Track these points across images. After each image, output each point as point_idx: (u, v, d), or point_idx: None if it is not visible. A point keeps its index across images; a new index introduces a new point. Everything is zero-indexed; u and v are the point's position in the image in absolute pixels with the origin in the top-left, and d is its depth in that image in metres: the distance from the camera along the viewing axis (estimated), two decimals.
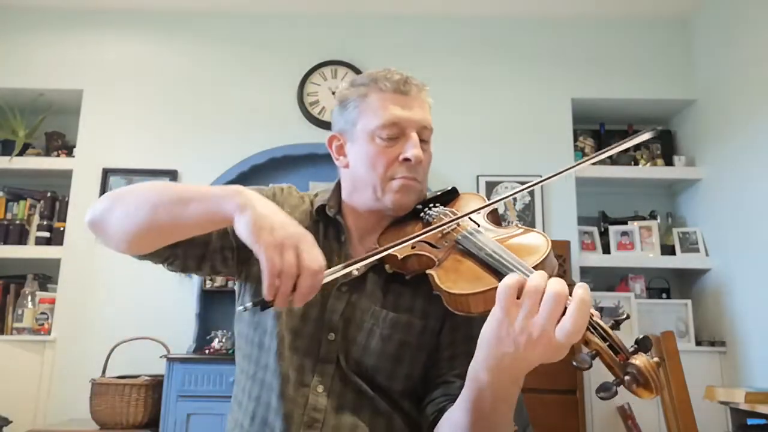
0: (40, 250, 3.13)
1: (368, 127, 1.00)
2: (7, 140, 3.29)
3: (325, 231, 1.07)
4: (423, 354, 0.98)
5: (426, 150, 1.03)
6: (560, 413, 2.52)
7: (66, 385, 2.90)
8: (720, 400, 2.21)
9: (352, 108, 1.04)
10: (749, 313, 2.78)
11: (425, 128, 1.03)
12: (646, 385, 0.64)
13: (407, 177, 1.00)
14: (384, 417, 0.96)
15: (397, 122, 0.99)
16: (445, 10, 3.36)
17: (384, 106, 1.00)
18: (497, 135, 3.25)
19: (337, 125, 1.07)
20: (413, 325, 0.98)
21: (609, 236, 3.22)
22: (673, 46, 3.35)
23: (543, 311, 0.66)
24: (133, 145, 3.23)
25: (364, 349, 0.97)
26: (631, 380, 0.65)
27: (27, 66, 3.31)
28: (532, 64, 3.33)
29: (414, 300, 1.00)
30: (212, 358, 2.65)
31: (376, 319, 0.98)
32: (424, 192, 1.07)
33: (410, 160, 0.99)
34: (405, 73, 1.04)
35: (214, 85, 3.30)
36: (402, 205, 1.01)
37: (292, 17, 3.39)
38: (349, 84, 1.07)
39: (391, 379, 0.97)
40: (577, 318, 0.64)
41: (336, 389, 0.96)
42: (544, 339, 0.66)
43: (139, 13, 3.38)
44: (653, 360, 0.65)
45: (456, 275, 0.84)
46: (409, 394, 0.99)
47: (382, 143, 1.00)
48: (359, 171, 1.03)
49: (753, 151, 2.78)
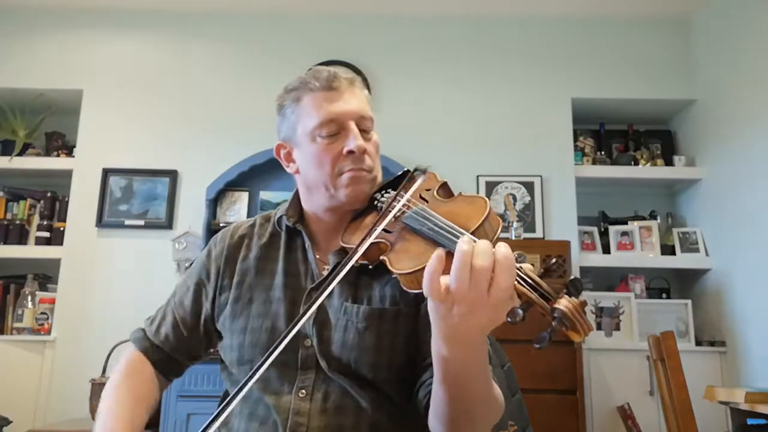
0: (40, 250, 3.13)
1: (307, 128, 1.02)
2: (7, 140, 3.29)
3: (288, 241, 1.10)
4: (401, 339, 0.99)
5: (369, 139, 1.04)
6: (560, 413, 2.52)
7: (66, 385, 2.90)
8: (720, 400, 2.21)
9: (290, 113, 1.06)
10: (749, 313, 2.78)
11: (363, 117, 1.03)
12: (573, 327, 0.64)
13: (355, 168, 1.00)
14: (369, 413, 0.96)
15: (334, 118, 1.00)
16: (445, 10, 3.36)
17: (317, 105, 1.01)
18: (497, 135, 3.25)
19: (281, 133, 1.10)
20: (386, 313, 0.99)
21: (609, 236, 3.22)
22: (673, 46, 3.35)
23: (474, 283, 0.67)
24: (133, 145, 3.23)
25: (342, 347, 0.98)
26: (559, 324, 0.64)
27: (27, 66, 3.31)
28: (532, 64, 3.33)
29: (383, 289, 1.01)
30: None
31: (350, 314, 0.99)
32: (377, 180, 1.07)
33: (354, 151, 1.00)
34: (333, 70, 1.05)
35: (214, 85, 3.30)
36: (356, 197, 1.02)
37: (292, 17, 3.39)
38: (283, 91, 1.09)
39: (374, 370, 0.97)
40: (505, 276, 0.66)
41: (318, 392, 0.97)
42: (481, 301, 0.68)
43: (139, 13, 3.38)
44: (578, 300, 0.65)
45: (404, 255, 0.86)
46: (395, 381, 0.99)
47: (323, 141, 1.01)
48: (309, 173, 1.04)
49: (753, 151, 2.78)
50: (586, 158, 3.31)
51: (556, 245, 2.91)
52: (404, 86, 3.28)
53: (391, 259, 0.87)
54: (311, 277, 1.06)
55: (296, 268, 1.07)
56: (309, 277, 1.06)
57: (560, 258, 2.87)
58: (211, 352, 1.20)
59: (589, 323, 0.65)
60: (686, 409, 1.95)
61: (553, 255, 2.87)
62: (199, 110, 3.27)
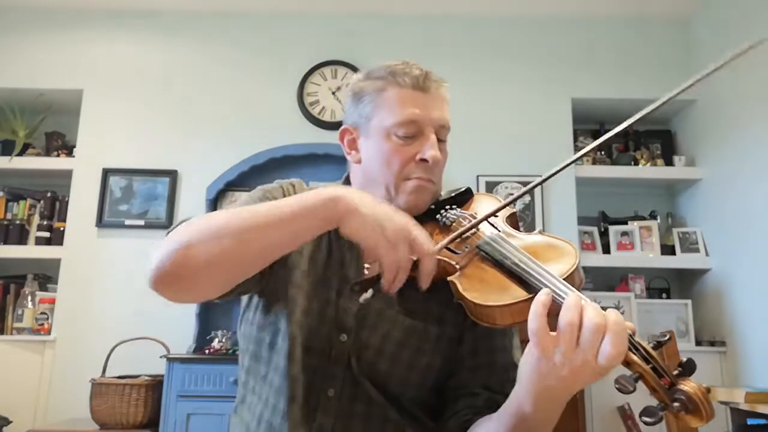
0: (40, 250, 3.13)
1: (384, 123, 0.96)
2: (7, 140, 3.29)
3: None
4: (438, 361, 0.94)
5: (443, 150, 1.00)
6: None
7: (66, 385, 2.90)
8: (720, 400, 2.21)
9: (368, 102, 0.99)
10: (749, 313, 2.78)
11: (443, 127, 0.99)
12: (696, 412, 0.61)
13: (423, 178, 0.96)
14: (394, 426, 0.91)
15: (416, 121, 0.95)
16: (445, 10, 3.36)
17: (402, 102, 0.96)
18: (497, 135, 3.25)
19: (351, 118, 1.02)
20: (429, 332, 0.94)
21: (609, 236, 3.22)
22: (673, 46, 3.35)
23: (583, 344, 0.64)
24: (133, 145, 3.23)
25: (377, 354, 0.92)
26: (681, 406, 0.61)
27: (27, 66, 3.31)
28: (532, 64, 3.33)
29: (430, 305, 0.95)
30: (212, 358, 2.65)
31: (392, 323, 0.93)
32: (438, 193, 1.03)
33: (428, 161, 0.95)
34: (424, 68, 1.00)
35: (214, 85, 3.30)
36: (416, 206, 0.97)
37: (291, 17, 3.39)
38: (365, 76, 1.02)
39: (404, 387, 0.93)
40: (617, 342, 0.63)
41: (346, 394, 0.91)
42: (586, 368, 0.65)
43: (139, 13, 3.38)
44: (702, 386, 0.62)
45: (481, 284, 0.80)
46: (421, 402, 0.95)
47: (398, 141, 0.95)
48: (372, 168, 0.98)
49: (753, 151, 2.78)
50: (586, 158, 3.31)
51: None
52: None
53: (464, 284, 0.80)
54: (355, 267, 0.97)
55: (342, 253, 0.99)
56: (353, 267, 0.97)
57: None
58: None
59: (713, 409, 0.61)
60: None
61: None
62: (199, 110, 3.27)
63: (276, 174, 3.11)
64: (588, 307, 0.65)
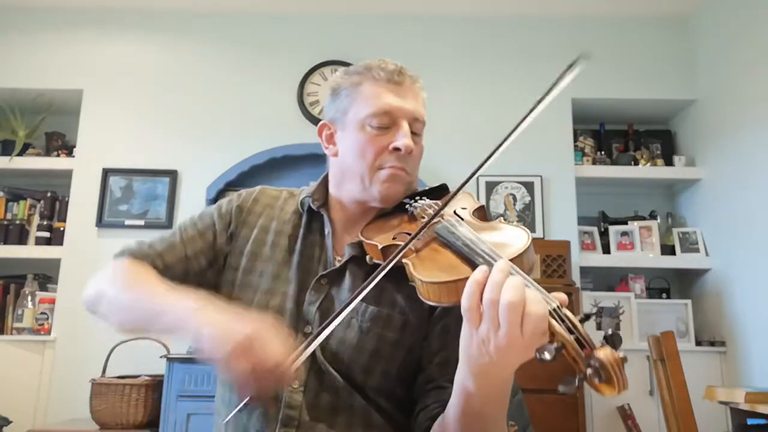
0: (40, 250, 3.13)
1: (359, 115, 0.99)
2: (7, 140, 3.29)
3: (308, 223, 1.07)
4: (402, 351, 0.96)
5: (417, 143, 1.02)
6: (560, 413, 2.52)
7: (66, 385, 2.90)
8: (720, 400, 2.21)
9: (344, 96, 1.03)
10: (749, 313, 2.78)
11: (417, 120, 1.02)
12: (609, 381, 0.59)
13: (396, 167, 0.98)
14: (361, 414, 0.94)
15: (389, 111, 0.98)
16: (445, 10, 3.37)
17: (376, 94, 0.99)
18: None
19: (329, 114, 1.07)
20: (393, 320, 0.96)
21: (609, 236, 3.22)
22: (673, 46, 3.35)
23: (503, 322, 0.65)
24: (133, 145, 3.23)
25: (341, 342, 0.95)
26: (593, 374, 0.60)
27: (27, 66, 3.31)
28: (532, 63, 3.32)
29: (395, 295, 0.97)
30: None
31: (356, 311, 0.95)
32: (414, 185, 1.05)
33: (400, 149, 0.97)
34: (399, 64, 1.04)
35: (214, 85, 3.30)
36: (389, 195, 1.00)
37: (292, 17, 3.39)
38: (342, 72, 1.06)
39: (367, 374, 0.94)
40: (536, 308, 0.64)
41: (312, 386, 0.93)
42: (514, 344, 0.66)
43: (139, 13, 3.38)
44: (619, 355, 0.61)
45: (431, 264, 0.82)
46: (386, 392, 0.96)
47: (372, 132, 0.98)
48: (348, 159, 1.01)
49: (753, 151, 2.78)
50: (586, 158, 3.31)
51: (556, 245, 2.91)
52: None
53: (414, 264, 0.82)
54: (324, 263, 1.03)
55: (311, 251, 1.04)
56: (322, 264, 1.03)
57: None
58: None
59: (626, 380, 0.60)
60: (686, 409, 1.95)
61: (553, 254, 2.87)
62: (199, 110, 3.27)
63: (276, 174, 3.11)
64: (508, 286, 0.66)
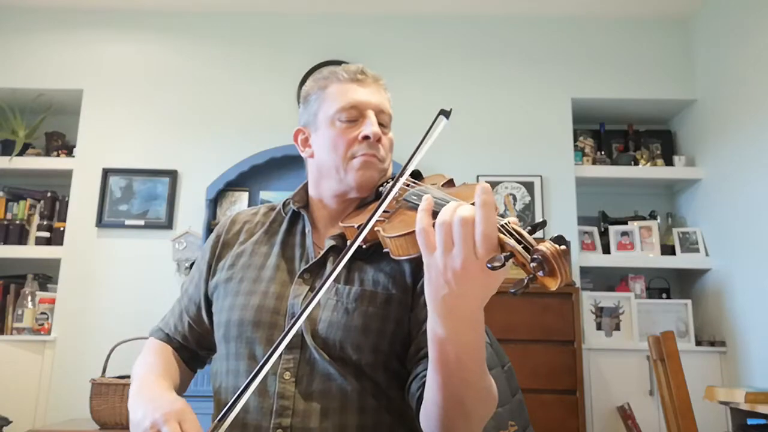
0: (40, 250, 3.13)
1: (329, 112, 1.06)
2: (7, 140, 3.29)
3: (289, 226, 1.13)
4: (390, 324, 0.98)
5: (386, 133, 1.08)
6: (560, 413, 2.52)
7: (66, 385, 2.90)
8: (720, 400, 2.21)
9: (314, 100, 1.10)
10: (749, 313, 2.78)
11: (382, 112, 1.08)
12: (552, 273, 0.62)
13: (367, 154, 1.04)
14: (355, 399, 0.95)
15: (356, 104, 1.05)
16: (445, 10, 3.37)
17: (342, 91, 1.07)
18: (497, 135, 3.25)
19: (302, 119, 1.14)
20: (377, 296, 0.99)
21: (609, 236, 3.22)
22: (673, 46, 3.35)
23: (457, 240, 0.67)
24: (133, 145, 3.23)
25: (328, 326, 0.97)
26: (537, 266, 0.62)
27: (27, 66, 3.31)
28: (532, 63, 3.33)
29: (377, 274, 1.01)
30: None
31: (340, 294, 0.99)
32: (387, 174, 1.10)
33: (369, 137, 1.04)
34: (362, 66, 1.11)
35: (214, 85, 3.30)
36: (364, 182, 1.05)
37: (291, 17, 3.39)
38: (310, 80, 1.14)
39: (359, 352, 0.96)
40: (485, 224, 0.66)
41: (303, 375, 0.95)
42: (470, 267, 0.67)
43: (139, 13, 3.38)
44: (560, 247, 0.63)
45: (399, 224, 0.88)
46: (381, 367, 0.98)
47: (342, 125, 1.05)
48: (323, 156, 1.08)
49: (753, 151, 2.78)
50: (586, 158, 3.31)
51: None
52: (404, 86, 3.28)
53: (385, 228, 0.88)
54: (306, 260, 1.06)
55: (292, 251, 1.09)
56: (304, 261, 1.07)
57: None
58: None
59: (567, 271, 0.63)
60: (686, 409, 1.96)
61: None
62: (199, 110, 3.27)
63: (276, 174, 3.11)
64: (460, 208, 0.69)
